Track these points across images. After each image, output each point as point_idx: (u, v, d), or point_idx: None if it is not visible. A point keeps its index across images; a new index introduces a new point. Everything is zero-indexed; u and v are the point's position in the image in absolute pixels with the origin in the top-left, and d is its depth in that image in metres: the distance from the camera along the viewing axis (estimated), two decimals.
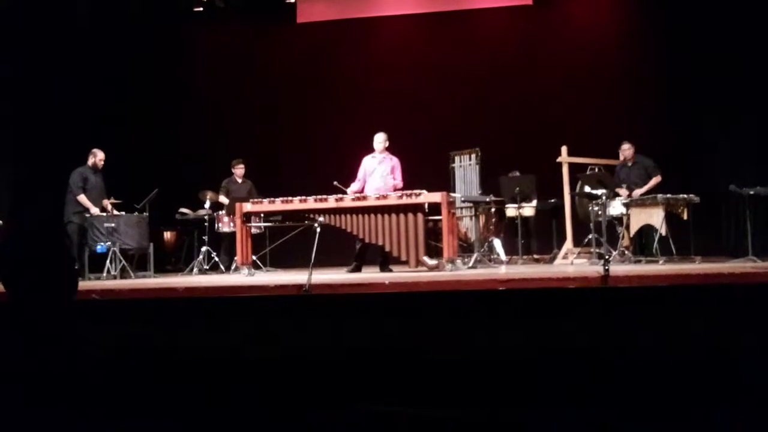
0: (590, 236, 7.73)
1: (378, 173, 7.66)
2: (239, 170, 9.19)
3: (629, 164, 8.18)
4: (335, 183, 7.42)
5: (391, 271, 7.33)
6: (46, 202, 9.01)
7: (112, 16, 10.40)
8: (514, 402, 2.83)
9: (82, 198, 8.09)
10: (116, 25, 10.48)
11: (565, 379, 2.96)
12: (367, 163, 7.75)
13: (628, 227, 7.70)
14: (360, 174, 7.75)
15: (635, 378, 2.91)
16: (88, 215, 8.05)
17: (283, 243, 8.36)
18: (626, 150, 8.22)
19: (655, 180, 8.01)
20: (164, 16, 10.81)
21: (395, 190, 7.45)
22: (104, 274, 7.82)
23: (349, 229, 7.01)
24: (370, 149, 7.81)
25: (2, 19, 9.29)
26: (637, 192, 7.95)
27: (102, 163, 8.37)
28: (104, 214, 8.16)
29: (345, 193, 7.40)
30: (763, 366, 2.83)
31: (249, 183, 9.24)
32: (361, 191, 7.54)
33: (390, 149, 7.82)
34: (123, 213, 8.26)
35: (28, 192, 9.43)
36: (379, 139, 7.67)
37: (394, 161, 7.74)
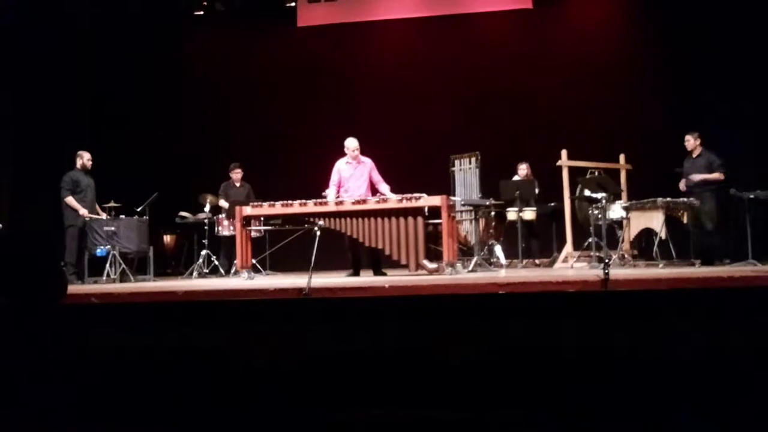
0: (590, 240, 7.73)
1: (356, 177, 7.65)
2: (236, 174, 9.20)
3: (693, 156, 7.99)
4: (323, 194, 7.33)
5: (384, 274, 7.34)
6: (43, 207, 9.02)
7: (112, 19, 10.42)
8: (513, 404, 2.83)
9: (70, 200, 8.09)
10: (117, 27, 10.50)
11: (565, 382, 2.96)
12: (343, 167, 7.70)
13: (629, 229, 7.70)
14: (334, 178, 7.69)
15: (635, 381, 2.91)
16: (88, 218, 8.05)
17: (282, 246, 8.37)
18: (687, 142, 8.02)
19: (716, 176, 7.76)
20: (165, 19, 10.83)
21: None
22: (104, 278, 7.82)
23: (348, 233, 7.00)
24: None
25: (2, 20, 9.30)
26: (695, 177, 7.77)
27: (90, 163, 8.35)
28: (103, 216, 8.16)
29: (326, 201, 7.30)
30: (763, 369, 2.83)
31: (247, 186, 9.24)
32: (338, 196, 7.51)
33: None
34: (123, 216, 8.25)
35: (25, 196, 9.44)
36: (355, 144, 7.65)
37: (370, 162, 7.75)
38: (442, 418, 2.31)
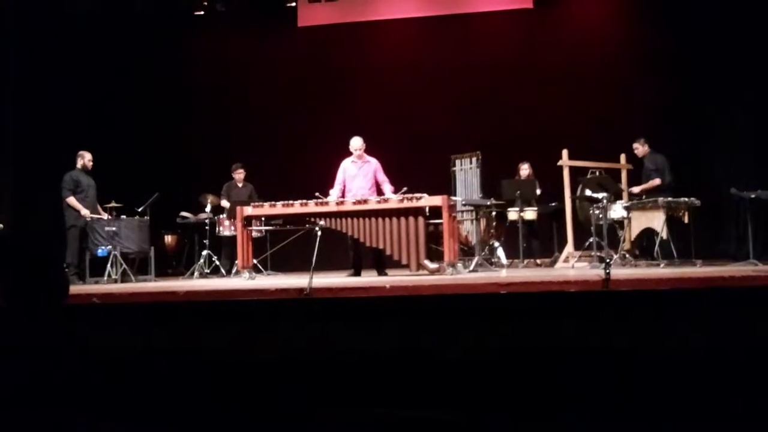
0: (591, 239, 7.72)
1: (361, 176, 7.68)
2: (239, 175, 9.20)
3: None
4: (317, 195, 7.34)
5: (386, 274, 7.34)
6: (44, 207, 9.01)
7: (112, 19, 10.42)
8: (514, 404, 2.83)
9: (72, 200, 8.09)
10: (117, 28, 10.50)
11: (566, 381, 2.96)
12: (348, 167, 7.73)
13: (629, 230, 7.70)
14: (339, 178, 7.72)
15: (636, 380, 2.91)
16: (89, 219, 8.05)
17: (283, 246, 8.37)
18: (636, 150, 8.32)
19: (652, 183, 8.06)
20: (165, 19, 10.83)
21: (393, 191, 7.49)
22: (105, 278, 7.82)
23: (349, 233, 7.00)
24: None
25: (2, 20, 9.31)
26: (632, 189, 8.10)
27: (91, 163, 8.34)
28: (104, 217, 8.16)
29: (326, 201, 7.32)
30: (764, 368, 2.83)
31: (250, 187, 9.24)
32: (342, 196, 7.52)
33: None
34: (124, 216, 8.25)
35: (27, 196, 9.44)
36: (359, 144, 7.67)
37: (376, 162, 7.76)
38: (443, 418, 2.31)
